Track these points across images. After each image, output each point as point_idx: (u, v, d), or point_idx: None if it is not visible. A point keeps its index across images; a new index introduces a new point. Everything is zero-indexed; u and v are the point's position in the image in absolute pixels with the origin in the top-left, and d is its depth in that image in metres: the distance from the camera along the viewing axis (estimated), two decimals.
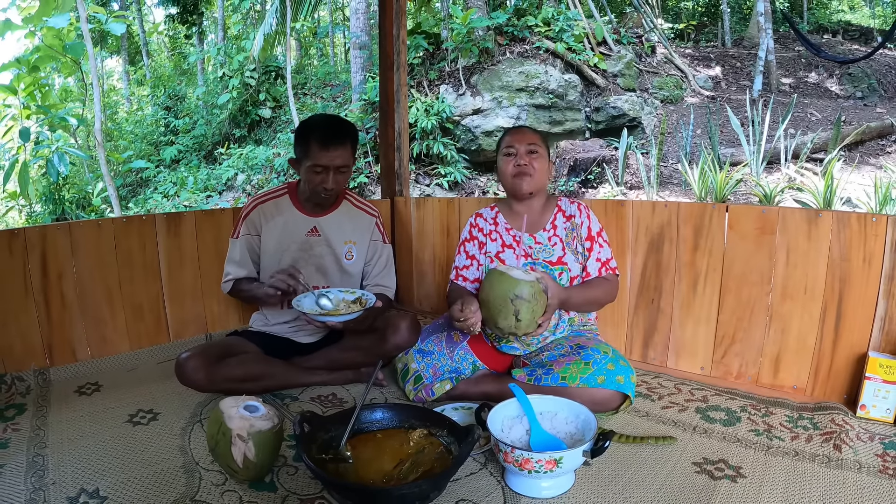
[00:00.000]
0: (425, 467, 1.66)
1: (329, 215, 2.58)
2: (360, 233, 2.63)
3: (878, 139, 9.58)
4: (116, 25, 8.22)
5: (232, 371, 2.30)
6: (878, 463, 1.83)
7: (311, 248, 2.54)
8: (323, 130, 2.34)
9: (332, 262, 2.58)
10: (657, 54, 12.73)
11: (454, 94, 10.04)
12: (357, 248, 2.62)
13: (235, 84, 12.70)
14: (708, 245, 2.56)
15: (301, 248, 2.54)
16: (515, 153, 2.31)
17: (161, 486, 1.73)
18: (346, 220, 2.61)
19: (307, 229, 2.54)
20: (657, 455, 1.91)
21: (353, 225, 2.62)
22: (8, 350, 2.59)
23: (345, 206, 2.63)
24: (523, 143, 2.30)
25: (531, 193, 2.35)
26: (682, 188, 8.58)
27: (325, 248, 2.56)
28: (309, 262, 2.54)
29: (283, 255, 2.52)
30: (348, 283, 2.61)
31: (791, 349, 2.39)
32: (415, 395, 2.31)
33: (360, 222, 2.64)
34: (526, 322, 1.98)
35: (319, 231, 2.55)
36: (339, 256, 2.58)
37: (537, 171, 2.30)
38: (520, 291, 1.95)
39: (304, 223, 2.55)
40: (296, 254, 2.53)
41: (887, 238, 2.16)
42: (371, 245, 2.66)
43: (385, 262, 2.69)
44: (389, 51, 3.75)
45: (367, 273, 2.68)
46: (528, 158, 2.29)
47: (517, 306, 1.95)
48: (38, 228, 2.71)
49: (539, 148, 2.32)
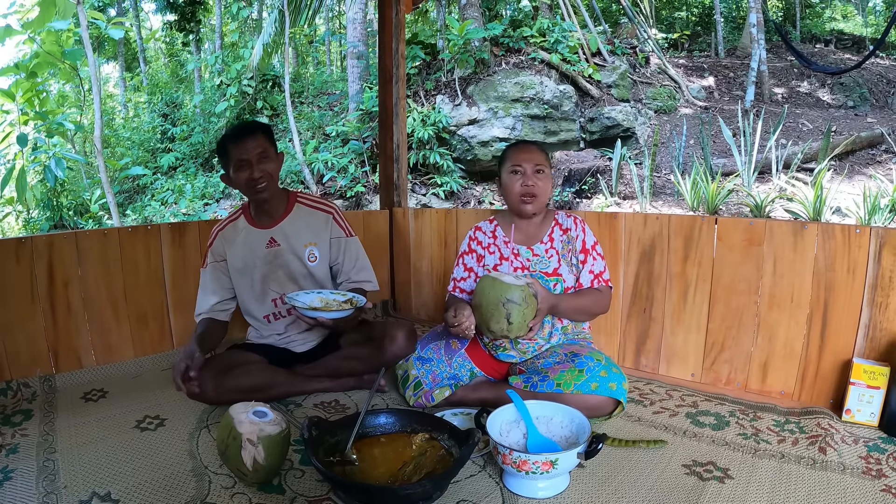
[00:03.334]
0: (427, 469, 1.73)
1: (282, 223, 2.59)
2: (318, 232, 2.62)
3: (869, 149, 9.68)
4: (115, 31, 8.26)
5: (239, 382, 2.35)
6: (862, 465, 1.90)
7: (274, 258, 2.56)
8: (233, 130, 2.48)
9: (298, 267, 2.59)
10: (651, 65, 12.84)
11: (450, 105, 10.11)
12: (318, 248, 2.61)
13: (233, 92, 12.70)
14: (698, 256, 2.63)
15: (265, 261, 2.56)
16: (523, 172, 2.33)
17: (172, 489, 1.77)
18: (302, 223, 2.60)
19: (265, 242, 2.56)
20: (648, 457, 1.97)
21: (309, 226, 2.61)
22: (14, 356, 2.63)
23: (297, 209, 2.63)
24: (531, 162, 2.32)
25: (534, 215, 2.41)
26: (674, 198, 8.66)
27: (289, 256, 2.57)
28: (277, 273, 2.57)
29: (253, 272, 2.57)
30: (320, 286, 2.63)
31: (778, 356, 2.47)
32: (415, 401, 2.36)
33: (315, 221, 2.63)
34: (517, 325, 2.03)
35: (277, 241, 2.57)
36: (302, 261, 2.59)
37: (542, 192, 2.34)
38: (511, 295, 2.01)
39: (262, 237, 2.57)
40: (264, 269, 2.56)
41: (871, 248, 2.24)
42: (333, 243, 2.64)
43: (354, 255, 2.67)
44: (388, 64, 3.82)
45: (339, 271, 2.67)
46: (535, 179, 2.32)
47: (508, 310, 2.01)
48: (44, 237, 2.76)
49: (545, 167, 2.35)
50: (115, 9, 17.09)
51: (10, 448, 2.05)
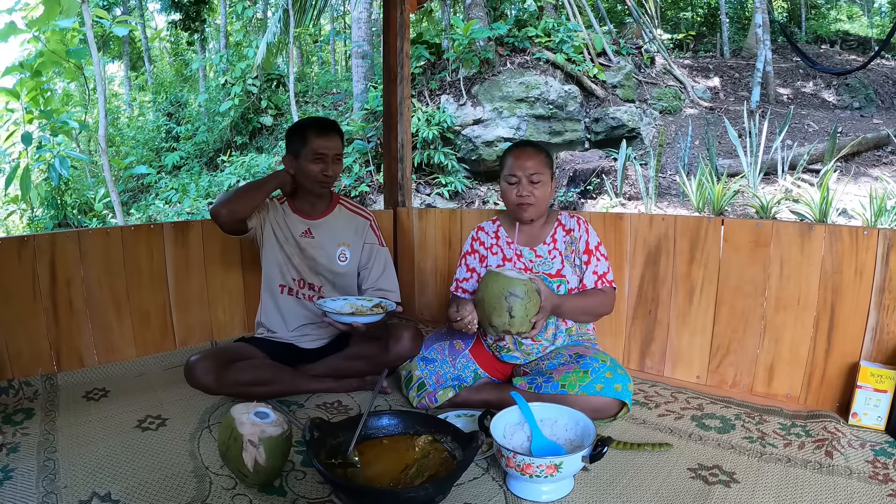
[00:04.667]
0: (430, 472, 1.71)
1: (323, 219, 2.67)
2: (354, 235, 2.69)
3: (875, 150, 9.64)
4: (120, 29, 8.27)
5: (241, 375, 2.34)
6: (869, 469, 1.88)
7: (304, 248, 2.62)
8: (318, 122, 2.56)
9: (326, 263, 2.63)
10: (656, 65, 12.80)
11: (455, 105, 10.09)
12: (351, 250, 2.67)
13: (237, 91, 12.73)
14: (704, 257, 2.61)
15: (296, 245, 2.62)
16: (518, 181, 2.29)
17: (172, 490, 1.77)
18: (340, 223, 2.68)
19: (301, 230, 2.63)
20: (654, 461, 1.96)
21: (346, 228, 2.69)
22: (16, 355, 2.62)
23: (338, 210, 2.71)
24: (526, 171, 2.28)
25: (532, 220, 2.39)
26: (679, 199, 8.63)
27: (319, 251, 2.63)
28: (303, 262, 2.63)
29: (282, 246, 2.62)
30: (343, 285, 2.68)
31: (784, 359, 2.45)
32: (418, 402, 2.36)
33: (353, 225, 2.70)
34: (519, 319, 2.02)
35: (313, 233, 2.63)
36: (332, 258, 2.64)
37: (539, 200, 2.31)
38: (513, 289, 2.01)
39: (300, 223, 2.64)
40: (292, 249, 2.62)
41: (878, 251, 2.22)
42: (366, 248, 2.71)
43: (383, 265, 2.72)
44: (393, 63, 3.81)
45: (365, 277, 2.71)
46: (531, 188, 2.28)
47: (510, 303, 2.00)
48: (47, 235, 2.76)
49: (542, 175, 2.29)
50: (121, 7, 17.10)
51: (11, 447, 2.04)
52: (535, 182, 2.29)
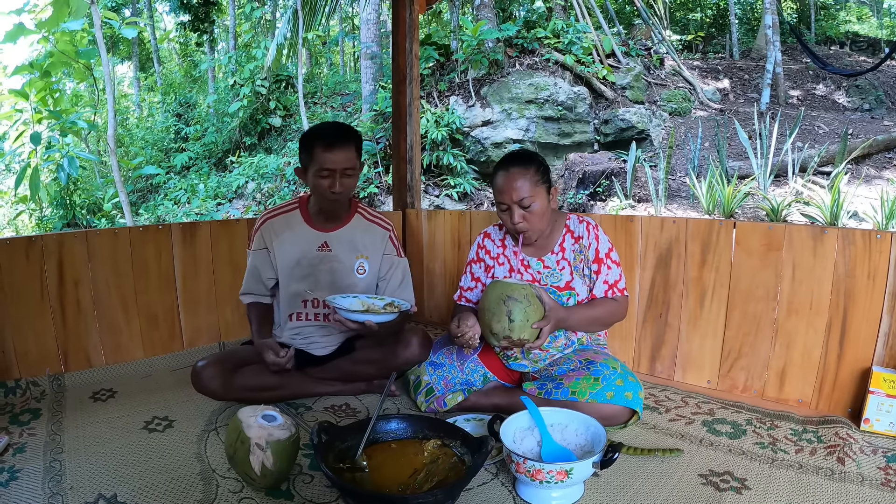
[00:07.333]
0: (439, 477, 1.70)
1: (340, 230, 2.52)
2: (373, 247, 2.56)
3: (886, 152, 9.57)
4: (128, 30, 8.29)
5: (247, 380, 2.34)
6: (881, 476, 1.85)
7: (321, 263, 2.49)
8: (326, 134, 2.31)
9: (344, 277, 2.51)
10: (665, 66, 12.76)
11: (464, 106, 10.09)
12: (370, 262, 2.55)
13: (246, 92, 12.76)
14: (715, 261, 2.59)
15: (311, 263, 2.49)
16: (508, 209, 2.16)
17: (179, 492, 1.76)
18: (358, 234, 2.54)
19: (317, 245, 2.49)
20: (664, 467, 1.94)
21: (365, 239, 2.55)
22: (23, 355, 2.63)
23: (357, 219, 2.57)
24: (515, 197, 2.12)
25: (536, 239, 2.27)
26: (689, 201, 8.59)
27: (336, 264, 2.50)
28: (319, 277, 2.50)
29: (294, 269, 2.49)
30: None
31: (796, 363, 2.42)
32: (426, 407, 2.34)
33: (372, 236, 2.57)
34: (519, 324, 1.98)
35: (330, 246, 2.50)
36: (350, 271, 2.52)
37: (536, 221, 2.17)
38: (511, 293, 2.00)
39: (315, 238, 2.50)
40: (306, 269, 2.49)
41: (892, 255, 2.19)
42: (385, 259, 2.58)
43: (401, 276, 2.61)
44: (402, 64, 3.80)
45: (382, 288, 2.59)
46: (523, 214, 2.14)
47: (509, 307, 1.98)
48: (55, 236, 2.76)
49: (534, 196, 2.13)
50: (130, 9, 17.18)
51: (17, 447, 2.05)
52: (527, 206, 2.13)
